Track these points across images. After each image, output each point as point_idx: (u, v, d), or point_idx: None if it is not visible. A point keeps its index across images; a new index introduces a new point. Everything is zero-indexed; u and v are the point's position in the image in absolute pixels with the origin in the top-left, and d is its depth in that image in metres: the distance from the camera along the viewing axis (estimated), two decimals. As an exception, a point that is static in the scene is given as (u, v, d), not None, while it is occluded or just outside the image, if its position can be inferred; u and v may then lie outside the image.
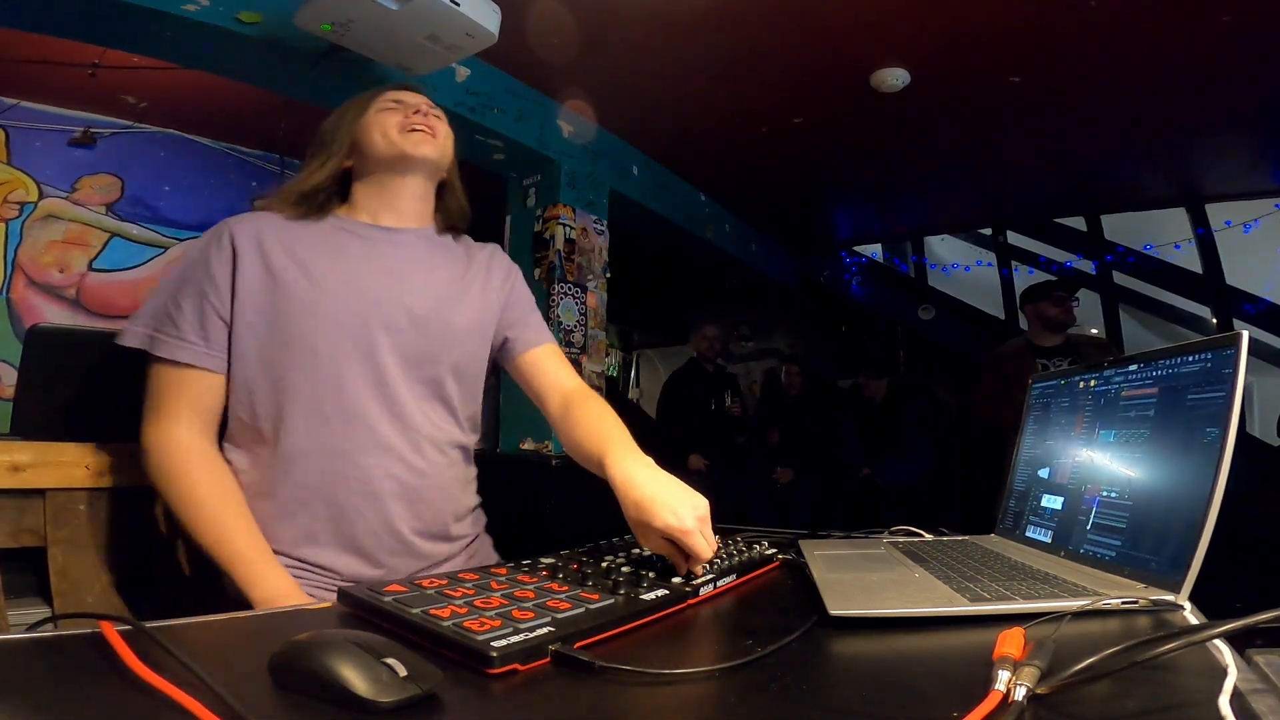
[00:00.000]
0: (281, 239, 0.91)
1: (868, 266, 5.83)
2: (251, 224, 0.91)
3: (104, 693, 0.40)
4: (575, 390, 1.01)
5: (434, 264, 1.00)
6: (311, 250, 0.91)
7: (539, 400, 1.04)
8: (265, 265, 0.88)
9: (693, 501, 0.71)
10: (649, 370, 7.39)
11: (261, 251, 0.89)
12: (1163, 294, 4.83)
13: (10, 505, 0.88)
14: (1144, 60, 2.81)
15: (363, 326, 0.89)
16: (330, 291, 0.89)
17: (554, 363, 1.05)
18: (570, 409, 0.97)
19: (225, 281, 0.87)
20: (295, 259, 0.89)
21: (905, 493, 4.13)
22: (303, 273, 0.89)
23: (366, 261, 0.94)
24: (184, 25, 2.07)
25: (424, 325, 0.93)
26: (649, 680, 0.44)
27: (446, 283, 0.99)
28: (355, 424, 0.88)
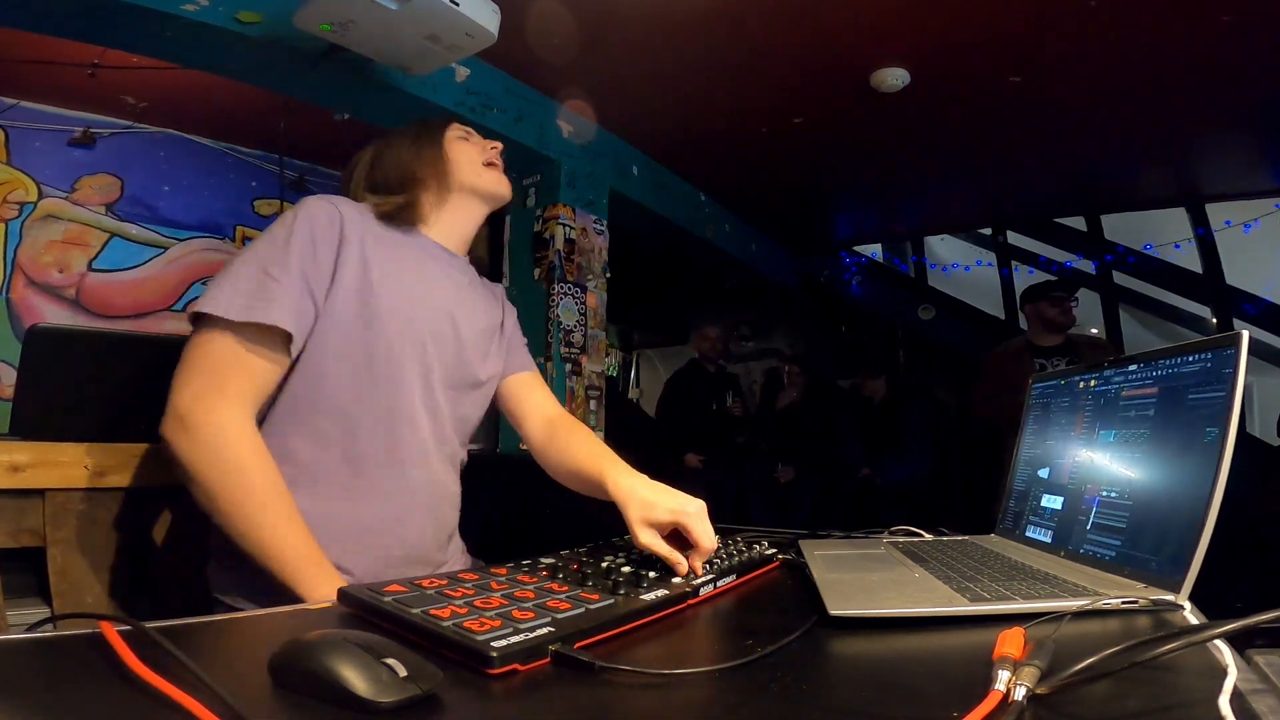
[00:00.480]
0: (380, 239, 0.91)
1: (868, 266, 5.83)
2: (356, 213, 0.90)
3: (104, 693, 0.40)
4: (560, 416, 1.06)
5: (477, 297, 1.05)
6: (401, 260, 0.92)
7: (518, 421, 1.08)
8: (365, 261, 0.87)
9: (693, 500, 0.76)
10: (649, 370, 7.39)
11: (363, 244, 0.88)
12: (1163, 294, 4.83)
13: (10, 505, 0.88)
14: (1144, 60, 2.81)
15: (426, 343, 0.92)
16: (412, 303, 0.91)
17: (538, 388, 1.10)
18: (558, 434, 1.02)
19: (328, 265, 0.84)
20: (388, 263, 0.90)
21: (905, 493, 4.13)
22: (390, 277, 0.89)
23: (439, 282, 0.97)
24: (184, 25, 2.07)
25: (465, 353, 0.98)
26: (649, 680, 0.44)
27: (485, 321, 1.04)
28: (409, 430, 0.91)
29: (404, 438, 0.90)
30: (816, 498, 4.44)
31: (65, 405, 1.03)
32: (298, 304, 0.81)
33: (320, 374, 0.85)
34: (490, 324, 1.06)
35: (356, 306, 0.86)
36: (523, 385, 1.09)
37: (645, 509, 0.75)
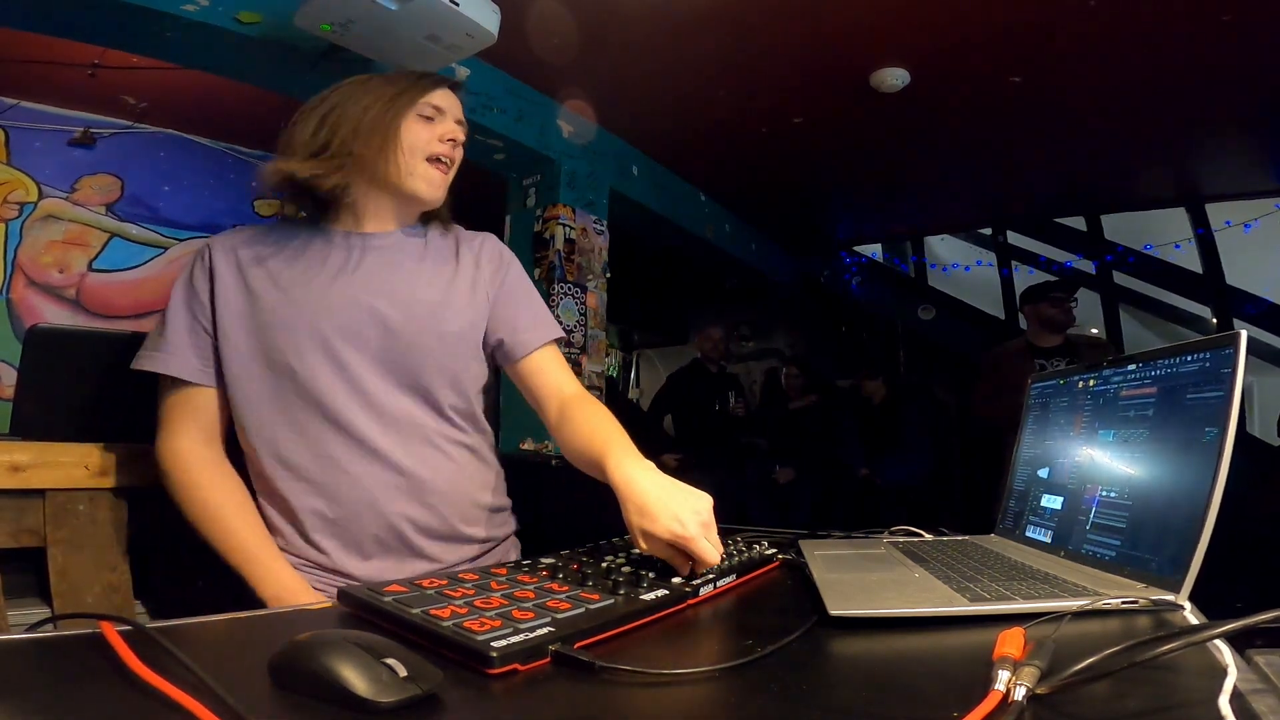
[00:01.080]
0: (258, 252, 0.92)
1: (868, 266, 5.83)
2: (229, 240, 0.93)
3: (104, 693, 0.40)
4: (574, 395, 0.98)
5: (417, 268, 0.95)
6: (287, 263, 0.91)
7: (537, 405, 1.00)
8: (242, 280, 0.90)
9: (695, 505, 0.70)
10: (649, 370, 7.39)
11: (238, 266, 0.91)
12: (1163, 294, 4.84)
13: (10, 505, 0.88)
14: (1144, 60, 2.81)
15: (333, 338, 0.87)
16: (301, 304, 0.87)
17: (554, 367, 1.00)
18: (568, 413, 0.94)
19: (206, 297, 0.90)
20: (269, 272, 0.90)
21: (905, 493, 4.13)
22: (275, 285, 0.89)
23: (344, 272, 0.91)
24: (184, 25, 2.07)
25: (400, 334, 0.89)
26: (649, 680, 0.44)
27: (430, 287, 0.94)
28: (340, 433, 0.87)
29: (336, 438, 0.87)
30: (816, 498, 4.44)
31: (65, 405, 1.03)
32: (186, 343, 0.89)
33: (237, 394, 0.89)
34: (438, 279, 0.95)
35: (245, 328, 0.89)
36: (537, 367, 0.99)
37: (643, 519, 0.70)
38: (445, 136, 0.93)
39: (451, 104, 0.95)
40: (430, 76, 0.94)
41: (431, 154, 0.92)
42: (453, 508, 0.93)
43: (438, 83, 0.94)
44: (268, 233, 0.95)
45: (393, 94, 0.91)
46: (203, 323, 0.90)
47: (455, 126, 0.94)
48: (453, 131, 0.93)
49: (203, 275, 0.91)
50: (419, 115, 0.92)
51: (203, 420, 0.90)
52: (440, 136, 0.93)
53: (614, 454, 0.80)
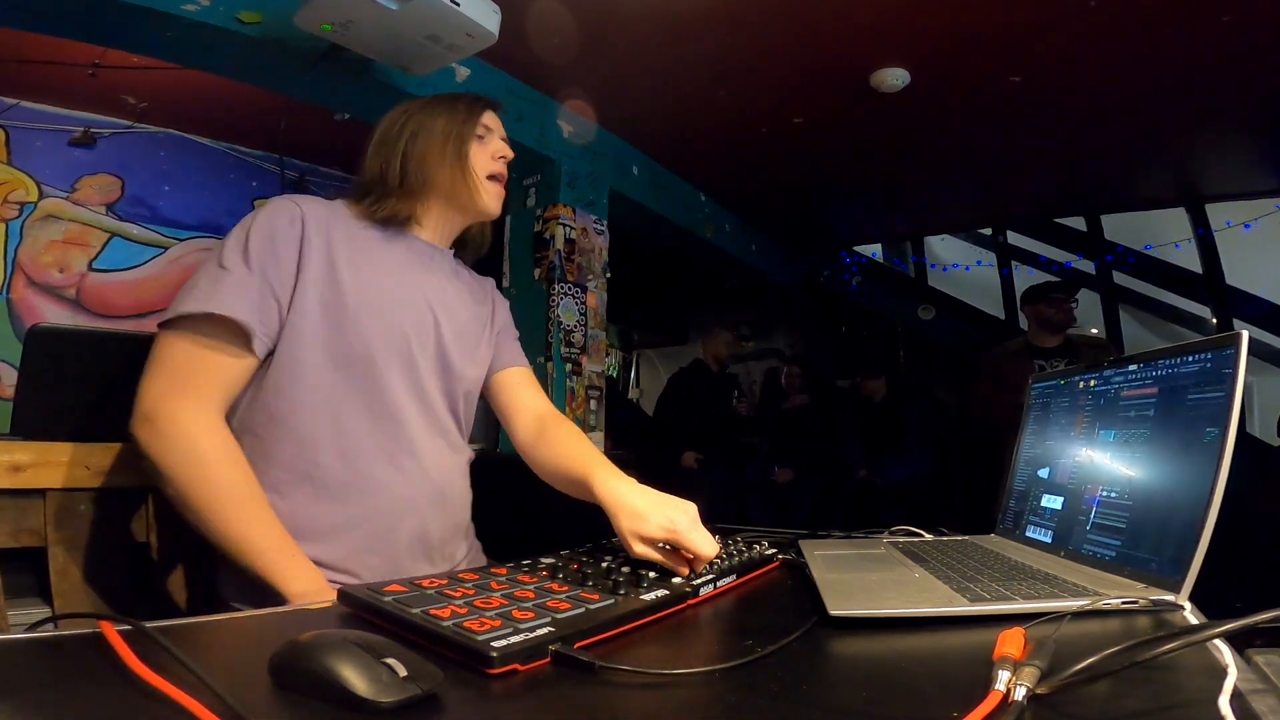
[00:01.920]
0: (350, 235, 0.90)
1: (868, 266, 5.83)
2: (322, 209, 0.89)
3: (104, 693, 0.40)
4: (550, 414, 1.03)
5: (462, 290, 1.03)
6: (374, 256, 0.92)
7: (506, 419, 1.06)
8: (330, 258, 0.86)
9: (683, 508, 0.73)
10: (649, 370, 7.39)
11: (329, 243, 0.87)
12: (1163, 294, 4.83)
13: (10, 505, 0.88)
14: (1144, 60, 2.81)
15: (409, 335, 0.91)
16: (387, 298, 0.90)
17: (528, 384, 1.08)
18: (546, 433, 0.99)
19: (291, 263, 0.83)
20: (358, 260, 0.89)
21: (905, 493, 4.14)
22: (363, 275, 0.89)
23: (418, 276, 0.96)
24: (184, 25, 2.07)
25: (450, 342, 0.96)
26: (649, 680, 0.44)
27: (470, 313, 1.03)
28: (395, 424, 0.89)
29: (390, 431, 0.88)
30: (816, 498, 4.44)
31: (65, 405, 1.03)
32: (256, 299, 0.81)
33: (296, 372, 0.84)
34: (476, 315, 1.04)
35: (325, 304, 0.85)
36: (512, 381, 1.06)
37: (635, 521, 0.72)
38: (498, 155, 1.00)
39: (497, 123, 1.03)
40: (480, 100, 1.02)
41: (491, 173, 1.00)
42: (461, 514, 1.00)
43: (487, 105, 1.02)
44: (350, 213, 0.94)
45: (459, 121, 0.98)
46: (275, 285, 0.82)
47: (503, 144, 1.02)
48: (503, 150, 1.01)
49: (292, 237, 0.84)
50: (476, 138, 0.99)
51: (230, 393, 0.82)
52: (494, 155, 1.00)
53: (599, 473, 0.82)
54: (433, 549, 0.94)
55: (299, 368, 0.84)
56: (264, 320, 0.81)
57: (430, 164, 0.95)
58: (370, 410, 0.87)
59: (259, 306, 0.81)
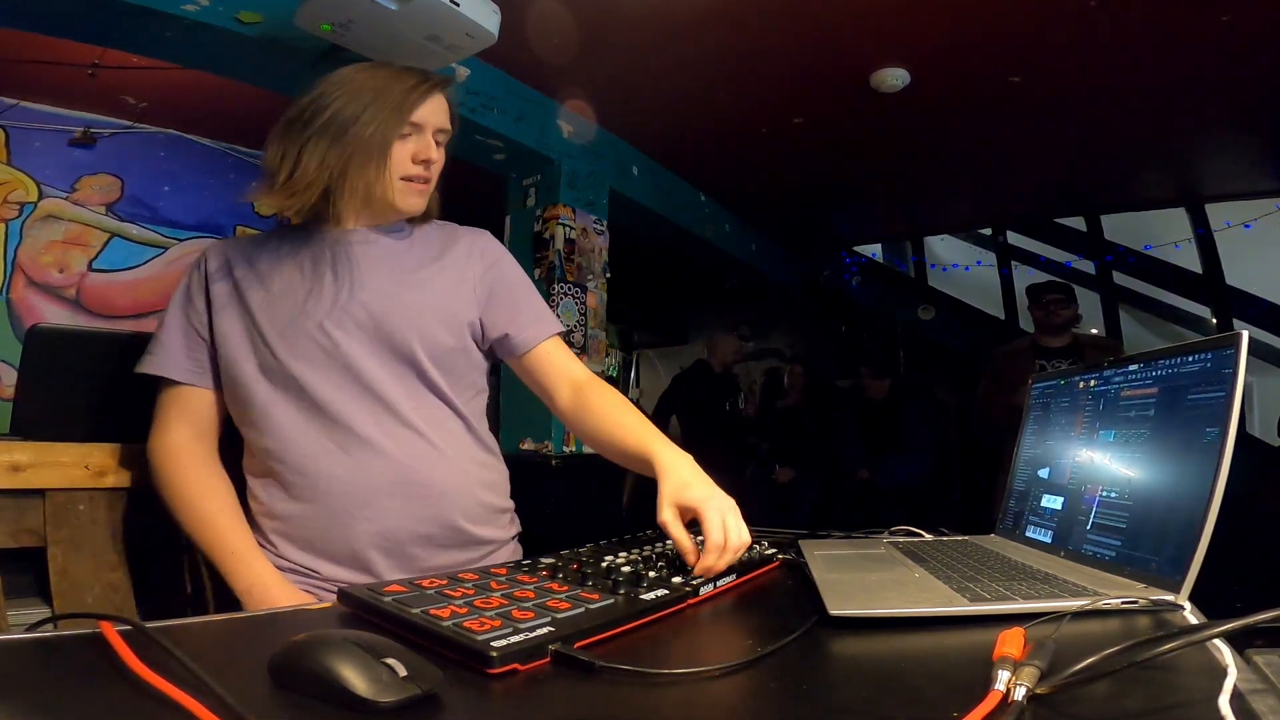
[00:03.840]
0: (250, 257, 0.95)
1: (868, 266, 5.83)
2: (223, 246, 0.98)
3: (104, 693, 0.40)
4: (587, 380, 0.98)
5: (399, 255, 0.96)
6: (275, 265, 0.94)
7: (546, 392, 1.00)
8: (233, 284, 0.93)
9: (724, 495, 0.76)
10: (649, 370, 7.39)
11: (230, 272, 0.94)
12: (1163, 294, 4.84)
13: (10, 505, 0.88)
14: (1144, 60, 2.81)
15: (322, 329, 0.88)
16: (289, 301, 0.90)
17: (561, 356, 1.01)
18: (587, 400, 0.94)
19: (201, 302, 0.94)
20: (259, 275, 0.93)
21: (905, 493, 4.14)
22: (264, 287, 0.92)
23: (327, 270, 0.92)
24: (184, 25, 2.07)
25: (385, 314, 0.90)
26: (649, 680, 0.44)
27: (409, 270, 0.95)
28: (338, 424, 0.88)
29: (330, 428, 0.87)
30: (816, 498, 4.44)
31: (65, 405, 1.03)
32: (181, 343, 0.93)
33: (236, 390, 0.91)
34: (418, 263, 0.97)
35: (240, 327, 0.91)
36: (544, 358, 1.00)
37: (679, 487, 0.75)
38: (418, 157, 0.93)
39: (433, 113, 0.93)
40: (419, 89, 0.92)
41: (406, 175, 0.93)
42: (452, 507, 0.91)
43: (426, 93, 0.92)
44: (261, 239, 0.98)
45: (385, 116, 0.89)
46: (197, 327, 0.93)
47: (429, 144, 0.93)
48: (425, 151, 0.93)
49: (199, 282, 0.95)
50: (400, 136, 0.91)
51: (194, 419, 0.93)
52: (414, 157, 0.92)
53: (659, 447, 0.83)
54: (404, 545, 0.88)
55: (237, 386, 0.91)
56: (190, 359, 0.93)
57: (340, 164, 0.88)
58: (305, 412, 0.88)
59: (183, 352, 0.93)
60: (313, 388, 0.88)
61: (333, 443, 0.87)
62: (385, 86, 0.90)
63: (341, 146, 0.88)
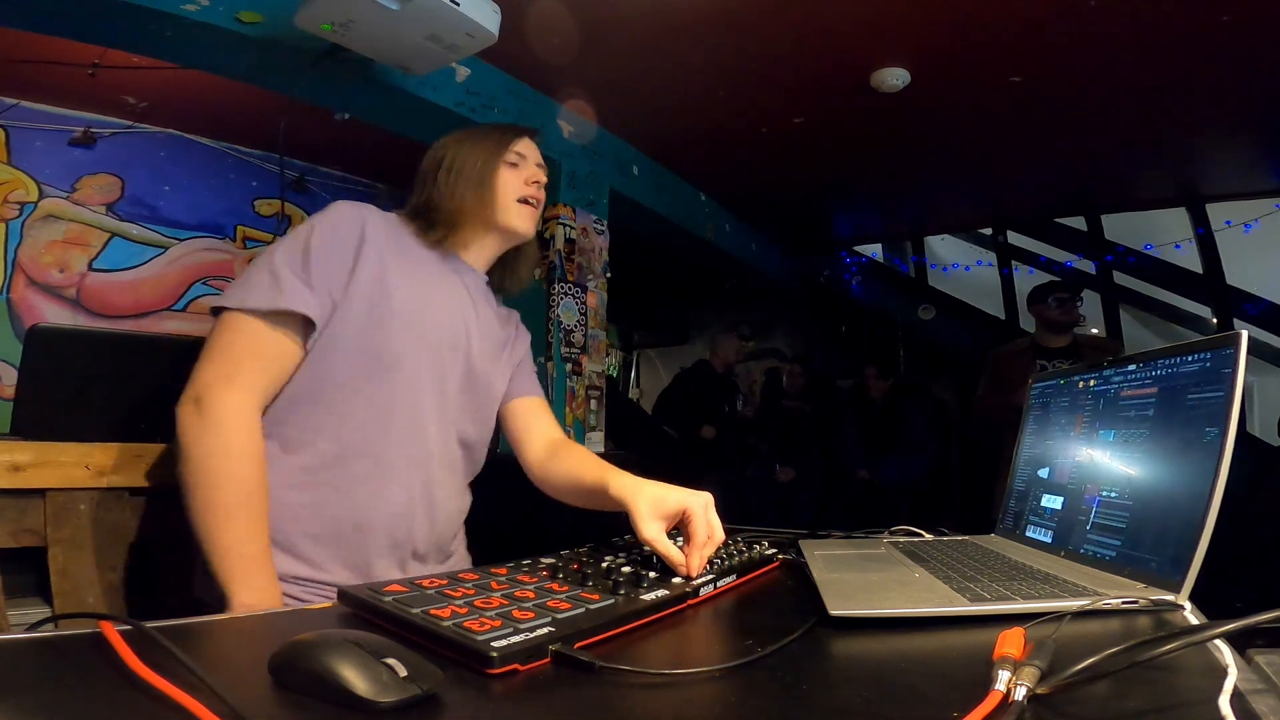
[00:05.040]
0: (402, 246, 0.96)
1: (868, 266, 5.83)
2: (383, 221, 0.95)
3: (104, 693, 0.40)
4: (562, 440, 1.08)
5: (490, 314, 1.07)
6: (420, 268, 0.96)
7: (519, 442, 1.09)
8: (383, 265, 0.91)
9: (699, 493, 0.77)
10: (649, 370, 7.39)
11: (383, 250, 0.92)
12: (1163, 294, 4.83)
13: (10, 505, 0.88)
14: (1144, 60, 2.81)
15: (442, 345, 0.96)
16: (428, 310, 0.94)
17: (543, 413, 1.11)
18: (560, 454, 1.03)
19: (347, 265, 0.88)
20: (408, 276, 0.94)
21: (905, 493, 4.14)
22: (410, 284, 0.93)
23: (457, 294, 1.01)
24: (184, 25, 2.07)
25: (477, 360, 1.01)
26: (649, 680, 0.44)
27: (496, 336, 1.07)
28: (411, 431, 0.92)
29: (404, 438, 0.91)
30: (817, 498, 4.45)
31: (65, 405, 1.03)
32: (316, 294, 0.86)
33: (326, 368, 0.88)
34: (500, 338, 1.09)
35: (370, 306, 0.89)
36: (530, 409, 1.11)
37: (653, 503, 0.75)
38: (530, 180, 1.05)
39: (531, 150, 1.07)
40: (514, 128, 1.07)
41: (521, 196, 1.04)
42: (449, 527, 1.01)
43: (520, 133, 1.07)
44: (402, 226, 1.00)
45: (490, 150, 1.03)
46: (332, 287, 0.87)
47: (536, 170, 1.06)
48: (535, 175, 1.06)
49: (351, 241, 0.89)
50: (507, 164, 1.04)
51: (276, 385, 0.86)
52: (526, 180, 1.04)
53: (613, 474, 0.86)
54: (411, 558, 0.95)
55: (329, 364, 0.87)
56: (320, 313, 0.86)
57: (461, 193, 1.00)
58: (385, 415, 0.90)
59: (317, 300, 0.86)
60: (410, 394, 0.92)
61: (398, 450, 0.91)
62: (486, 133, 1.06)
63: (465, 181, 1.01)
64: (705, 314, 6.23)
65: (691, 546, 0.71)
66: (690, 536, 0.73)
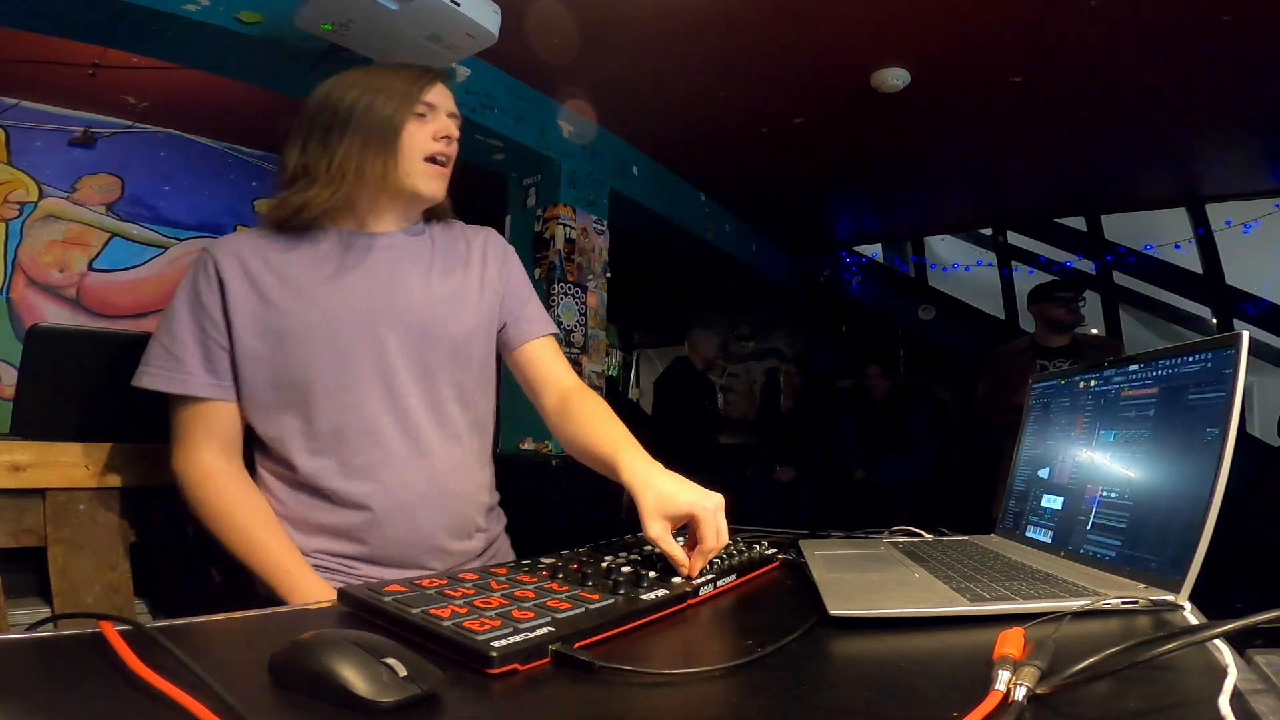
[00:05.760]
0: (267, 258, 0.89)
1: (868, 266, 5.83)
2: (231, 245, 0.89)
3: (104, 693, 0.40)
4: (574, 387, 1.00)
5: (428, 266, 0.96)
6: (299, 267, 0.89)
7: (534, 394, 1.02)
8: (254, 289, 0.87)
9: (711, 493, 0.75)
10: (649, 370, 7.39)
11: (248, 275, 0.87)
12: (1163, 294, 4.83)
13: (10, 505, 0.88)
14: (1144, 60, 2.81)
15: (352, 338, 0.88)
16: (324, 309, 0.87)
17: (552, 357, 1.03)
18: (570, 406, 0.96)
19: (218, 311, 0.87)
20: (282, 278, 0.88)
21: (905, 493, 4.14)
22: (293, 292, 0.87)
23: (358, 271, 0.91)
24: (184, 25, 2.07)
25: (422, 331, 0.91)
26: (649, 680, 0.44)
27: (444, 286, 0.95)
28: (368, 439, 0.88)
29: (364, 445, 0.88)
30: (816, 498, 4.45)
31: (65, 405, 1.03)
32: (200, 361, 0.87)
33: (263, 411, 0.89)
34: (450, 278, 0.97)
35: (263, 333, 0.87)
36: (535, 355, 1.02)
37: (662, 499, 0.72)
38: (439, 134, 0.92)
39: (443, 98, 0.94)
40: (423, 76, 0.93)
41: (429, 154, 0.92)
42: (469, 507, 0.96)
43: (433, 79, 0.93)
44: (268, 236, 0.91)
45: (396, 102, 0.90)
46: (214, 335, 0.87)
47: (448, 122, 0.94)
48: (446, 128, 0.93)
49: (209, 285, 0.87)
50: (415, 114, 0.91)
51: (221, 435, 0.89)
52: (434, 135, 0.92)
53: (626, 454, 0.82)
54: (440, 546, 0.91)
55: (259, 399, 0.88)
56: (212, 373, 0.87)
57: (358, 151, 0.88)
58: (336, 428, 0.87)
59: (203, 365, 0.87)
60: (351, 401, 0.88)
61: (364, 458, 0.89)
62: (390, 79, 0.91)
63: (362, 134, 0.88)
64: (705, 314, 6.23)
65: (697, 551, 0.70)
66: (698, 540, 0.71)
